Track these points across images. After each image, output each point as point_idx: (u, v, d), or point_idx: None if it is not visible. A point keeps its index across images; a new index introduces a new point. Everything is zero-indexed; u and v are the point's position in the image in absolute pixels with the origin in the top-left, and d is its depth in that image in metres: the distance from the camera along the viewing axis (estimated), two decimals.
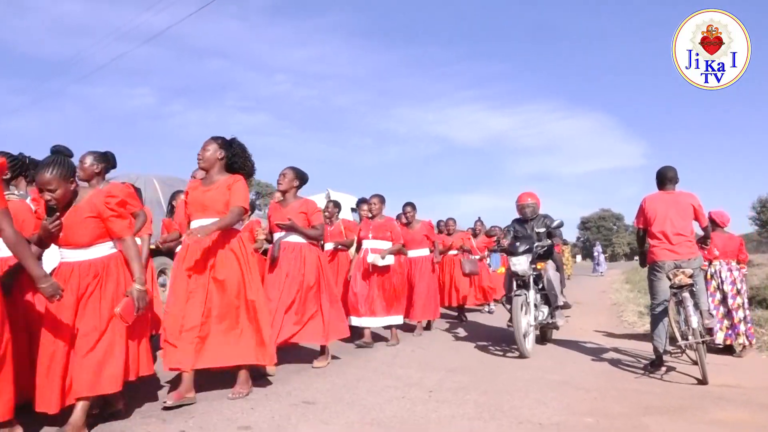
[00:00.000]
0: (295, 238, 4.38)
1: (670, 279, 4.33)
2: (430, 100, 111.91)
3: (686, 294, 4.21)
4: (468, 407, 3.40)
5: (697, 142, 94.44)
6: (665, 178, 4.69)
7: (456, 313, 8.52)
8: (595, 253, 26.46)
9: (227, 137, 3.66)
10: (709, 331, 4.22)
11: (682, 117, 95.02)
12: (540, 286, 5.48)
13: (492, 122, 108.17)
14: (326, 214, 6.40)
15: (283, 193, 4.52)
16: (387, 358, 5.01)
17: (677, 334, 4.25)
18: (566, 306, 5.76)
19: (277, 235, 4.45)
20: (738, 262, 5.61)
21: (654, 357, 4.53)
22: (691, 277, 4.24)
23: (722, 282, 5.40)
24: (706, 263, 5.38)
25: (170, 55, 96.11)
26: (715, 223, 5.51)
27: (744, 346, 5.31)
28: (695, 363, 4.33)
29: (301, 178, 4.54)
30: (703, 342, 4.11)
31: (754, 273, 11.13)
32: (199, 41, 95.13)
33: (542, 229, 5.56)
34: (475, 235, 9.35)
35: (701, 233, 4.79)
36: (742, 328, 5.31)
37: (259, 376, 3.91)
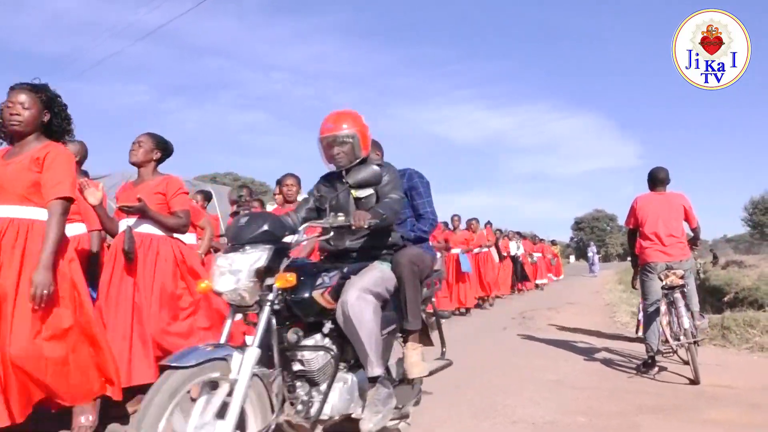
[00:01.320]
0: (147, 228, 3.22)
1: (661, 280, 4.36)
2: (428, 100, 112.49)
3: (678, 294, 4.24)
4: (462, 406, 3.41)
5: (691, 143, 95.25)
6: (657, 179, 4.72)
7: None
8: (590, 254, 26.56)
9: (39, 82, 2.62)
10: (701, 331, 4.27)
11: (677, 118, 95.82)
12: (327, 330, 2.27)
13: (489, 122, 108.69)
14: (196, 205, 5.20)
15: (138, 166, 3.34)
16: None
17: (667, 335, 4.28)
18: (415, 378, 2.58)
19: (124, 222, 3.22)
20: None
21: (646, 357, 4.56)
22: (682, 278, 4.28)
23: None
24: None
25: (167, 53, 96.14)
26: None
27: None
28: (686, 363, 4.37)
29: (165, 148, 3.39)
30: (694, 342, 4.15)
31: (746, 274, 11.22)
32: (196, 39, 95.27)
33: (367, 193, 2.53)
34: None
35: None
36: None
37: None
